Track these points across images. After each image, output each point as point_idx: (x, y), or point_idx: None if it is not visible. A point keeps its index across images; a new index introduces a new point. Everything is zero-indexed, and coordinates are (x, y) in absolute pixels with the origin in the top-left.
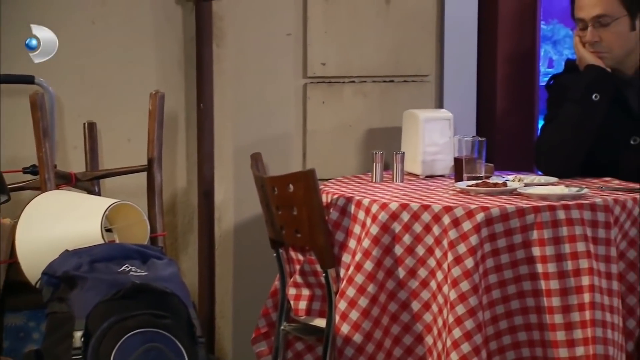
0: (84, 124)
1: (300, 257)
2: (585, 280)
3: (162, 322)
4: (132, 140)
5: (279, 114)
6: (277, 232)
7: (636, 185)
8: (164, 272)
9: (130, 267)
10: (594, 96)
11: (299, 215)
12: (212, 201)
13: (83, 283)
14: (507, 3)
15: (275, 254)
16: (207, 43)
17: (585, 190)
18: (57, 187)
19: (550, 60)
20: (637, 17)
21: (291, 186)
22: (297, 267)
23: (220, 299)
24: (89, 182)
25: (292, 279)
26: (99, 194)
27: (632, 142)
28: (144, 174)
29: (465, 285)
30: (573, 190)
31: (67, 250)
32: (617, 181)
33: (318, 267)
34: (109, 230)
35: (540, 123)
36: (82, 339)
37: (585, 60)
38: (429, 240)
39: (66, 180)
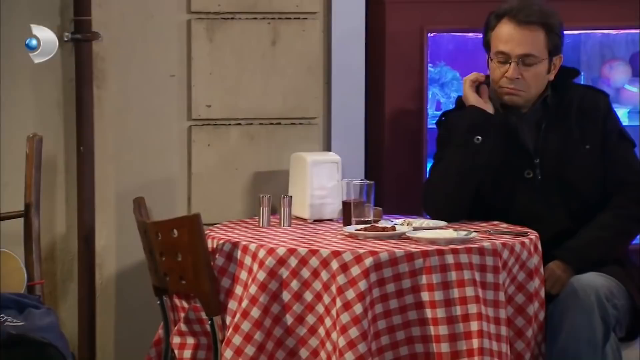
0: None
1: (185, 305)
2: (474, 326)
3: None
4: (9, 184)
5: (163, 157)
6: (161, 279)
7: (524, 229)
8: (41, 321)
9: (5, 317)
10: (475, 139)
11: (183, 262)
12: (92, 247)
13: None
14: (395, 46)
15: (158, 302)
16: (87, 84)
17: (473, 234)
18: None
19: (438, 103)
20: (552, 62)
21: (175, 231)
22: (182, 314)
23: (101, 349)
24: None
25: (176, 327)
26: None
27: (526, 176)
28: (21, 219)
29: (354, 332)
30: (462, 234)
31: None
32: (505, 224)
33: (203, 315)
34: None
35: (430, 164)
36: None
37: (468, 100)
38: (317, 285)
39: None
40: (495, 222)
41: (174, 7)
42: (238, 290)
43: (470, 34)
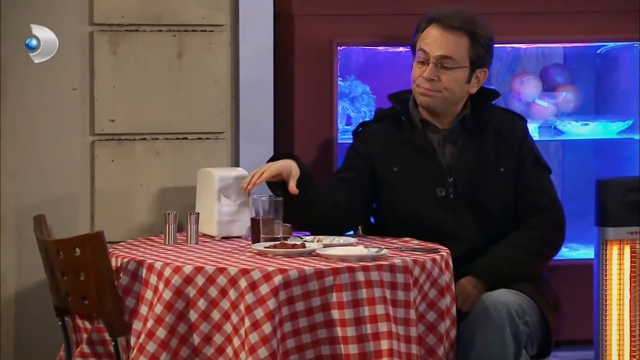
0: None
1: (88, 325)
2: (384, 345)
3: None
4: None
5: (65, 173)
6: (63, 299)
7: (435, 246)
8: None
9: None
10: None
11: (86, 281)
12: None
13: None
14: (304, 59)
15: (60, 323)
16: None
17: (384, 251)
18: None
19: (349, 117)
20: (475, 73)
21: (77, 250)
22: (84, 336)
23: None
24: None
25: (78, 349)
26: None
27: (438, 194)
28: None
29: (263, 352)
30: (372, 251)
31: None
32: (416, 241)
33: (107, 336)
34: None
35: None
36: None
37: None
38: (225, 304)
39: None
40: (406, 239)
41: (75, 19)
42: (143, 310)
43: (380, 48)
